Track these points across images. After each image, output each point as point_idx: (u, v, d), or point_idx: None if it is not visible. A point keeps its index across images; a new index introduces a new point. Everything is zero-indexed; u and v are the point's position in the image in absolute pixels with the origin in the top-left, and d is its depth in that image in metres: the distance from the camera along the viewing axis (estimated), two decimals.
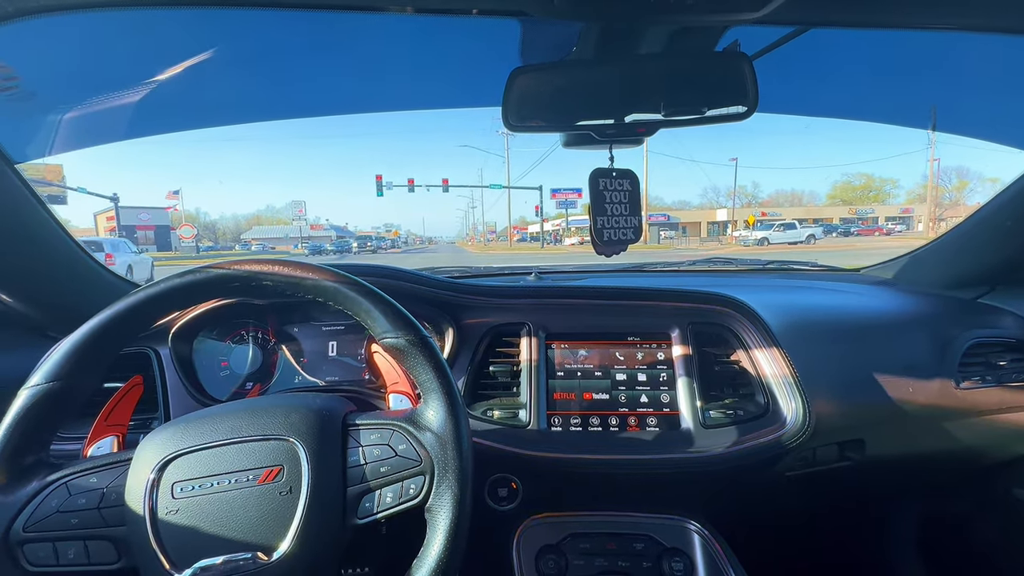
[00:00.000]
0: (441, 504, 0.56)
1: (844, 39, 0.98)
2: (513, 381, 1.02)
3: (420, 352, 0.60)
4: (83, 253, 1.09)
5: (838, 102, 1.24)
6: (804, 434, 0.92)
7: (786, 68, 1.00)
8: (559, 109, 0.83)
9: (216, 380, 1.04)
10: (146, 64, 0.94)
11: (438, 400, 0.59)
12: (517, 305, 1.08)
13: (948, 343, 1.12)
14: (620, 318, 1.07)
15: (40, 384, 0.56)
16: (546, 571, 0.92)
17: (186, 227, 32.65)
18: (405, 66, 1.05)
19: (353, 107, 1.19)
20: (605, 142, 0.87)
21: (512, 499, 0.97)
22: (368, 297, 0.62)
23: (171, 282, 0.61)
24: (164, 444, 0.57)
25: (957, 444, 1.13)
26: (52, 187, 14.53)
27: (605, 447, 0.95)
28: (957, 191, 55.04)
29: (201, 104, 1.10)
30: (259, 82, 1.06)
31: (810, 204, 69.35)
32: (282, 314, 1.09)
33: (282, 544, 0.53)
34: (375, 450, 0.58)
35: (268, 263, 0.62)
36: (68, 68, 0.93)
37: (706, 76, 0.82)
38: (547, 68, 0.83)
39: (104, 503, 0.55)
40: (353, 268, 1.01)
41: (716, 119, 0.82)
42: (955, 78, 1.17)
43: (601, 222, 0.89)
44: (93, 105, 1.01)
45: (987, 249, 1.25)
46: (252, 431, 0.57)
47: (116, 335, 0.60)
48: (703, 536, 0.96)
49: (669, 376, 1.01)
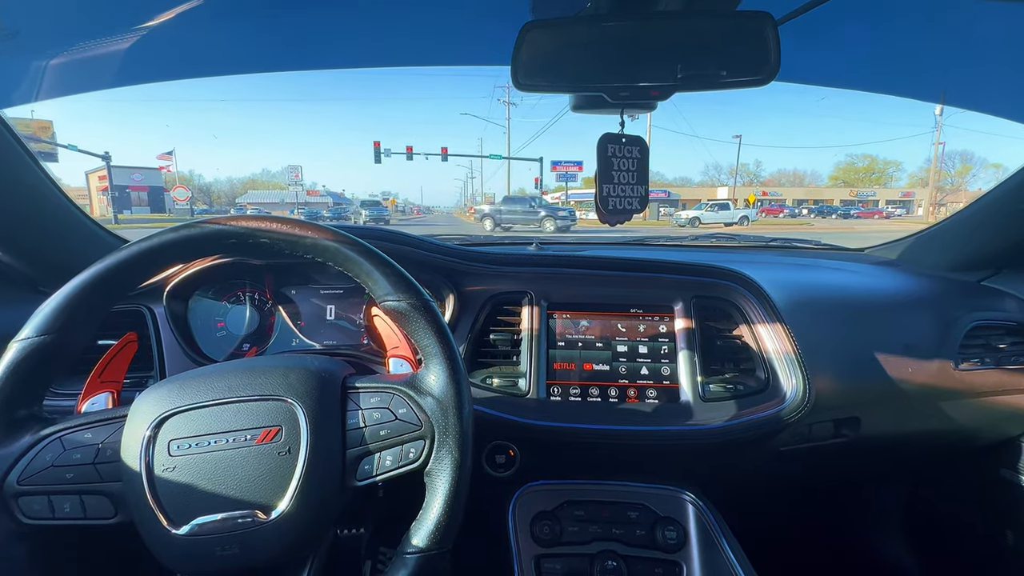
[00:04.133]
0: (441, 468, 0.56)
1: (873, 4, 0.94)
2: (513, 350, 1.01)
3: (422, 316, 0.59)
4: (74, 207, 1.06)
5: (861, 73, 1.20)
6: (803, 410, 0.92)
7: (807, 34, 0.96)
8: (571, 68, 0.79)
9: (212, 340, 1.03)
10: (136, 7, 0.89)
11: (440, 365, 0.58)
12: (519, 274, 1.06)
13: (949, 325, 1.12)
14: (623, 289, 1.05)
15: (31, 337, 0.54)
16: (541, 536, 0.94)
17: (180, 189, 32.09)
18: (410, 19, 1.00)
19: (353, 61, 1.14)
20: (617, 105, 0.84)
21: (509, 466, 0.98)
22: (369, 258, 0.60)
23: (164, 236, 0.58)
24: (160, 401, 0.56)
25: (951, 424, 1.14)
26: (42, 143, 14.20)
27: (603, 418, 0.95)
28: (960, 176, 54.74)
29: (193, 52, 1.04)
30: (253, 30, 1.01)
31: (812, 184, 68.98)
32: (280, 275, 1.07)
33: (280, 503, 0.53)
34: (375, 413, 0.58)
35: (266, 220, 0.59)
36: (53, 8, 0.89)
37: (726, 37, 0.77)
38: (560, 24, 0.78)
39: (99, 459, 0.55)
40: (354, 230, 0.99)
41: (733, 84, 0.78)
42: (978, 50, 1.13)
43: (607, 190, 0.86)
44: (80, 51, 0.96)
45: (993, 232, 1.24)
46: (250, 391, 0.56)
47: (108, 289, 0.58)
48: (697, 506, 0.98)
49: (670, 349, 1.01)
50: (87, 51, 0.97)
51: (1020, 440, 1.23)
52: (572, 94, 0.89)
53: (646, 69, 0.78)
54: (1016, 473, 1.24)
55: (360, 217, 27.28)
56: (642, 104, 0.86)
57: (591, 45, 0.78)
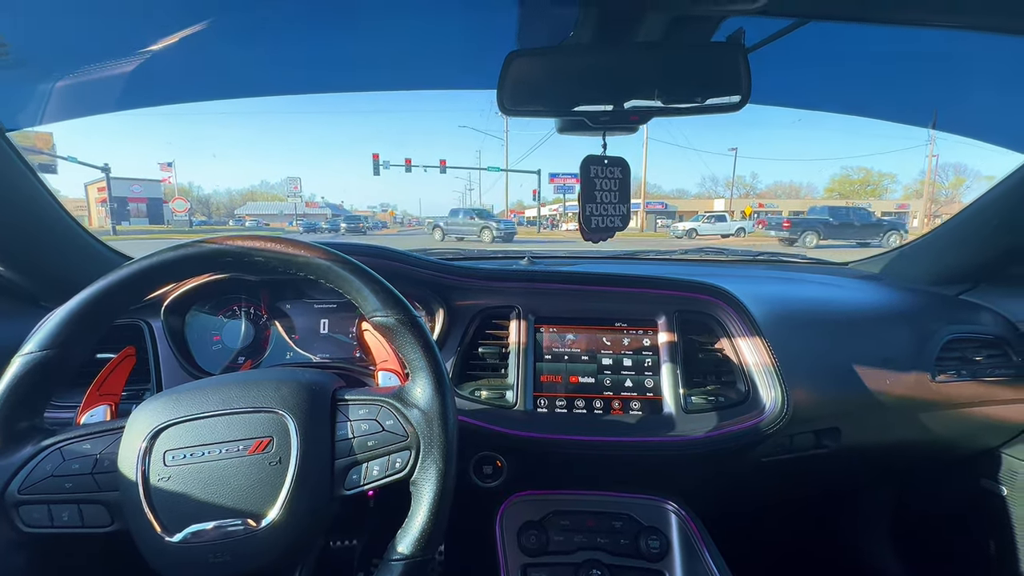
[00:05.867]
0: (426, 478, 0.58)
1: (843, 33, 0.99)
2: (501, 363, 1.03)
3: (409, 331, 0.62)
4: (74, 223, 1.08)
5: (836, 96, 1.25)
6: (782, 421, 0.95)
7: (784, 60, 1.00)
8: (554, 94, 0.83)
9: (208, 354, 1.05)
10: (141, 33, 0.92)
11: (425, 378, 0.61)
12: (508, 288, 1.09)
13: (927, 337, 1.14)
14: (608, 304, 1.08)
15: (34, 352, 0.57)
16: (528, 545, 0.95)
17: (179, 200, 32.23)
18: (403, 47, 1.05)
19: (350, 85, 1.18)
20: (599, 129, 0.88)
21: (497, 476, 1.00)
22: (359, 276, 0.63)
23: (164, 255, 0.61)
24: (156, 413, 0.58)
25: (930, 435, 1.16)
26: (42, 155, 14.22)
27: (589, 429, 0.98)
28: (953, 188, 55.16)
29: (195, 77, 1.09)
30: (255, 56, 1.05)
31: (807, 196, 69.35)
32: (275, 290, 1.10)
33: (271, 512, 0.55)
34: (363, 424, 0.60)
35: (261, 239, 0.62)
36: (61, 36, 0.92)
37: (701, 66, 0.82)
38: (544, 53, 0.83)
39: (97, 468, 0.57)
40: (346, 247, 1.02)
41: (709, 109, 0.82)
42: (954, 77, 1.17)
43: (590, 209, 0.90)
44: (85, 74, 1.00)
45: (972, 246, 1.27)
46: (243, 403, 0.58)
47: (109, 306, 0.61)
48: (680, 516, 1.00)
49: (654, 362, 1.03)
50: (91, 75, 1.01)
51: (998, 451, 1.25)
52: (556, 118, 0.93)
53: (626, 95, 0.83)
54: (997, 483, 1.26)
55: (341, 228, 31.11)
56: (623, 127, 0.90)
57: (573, 73, 0.82)
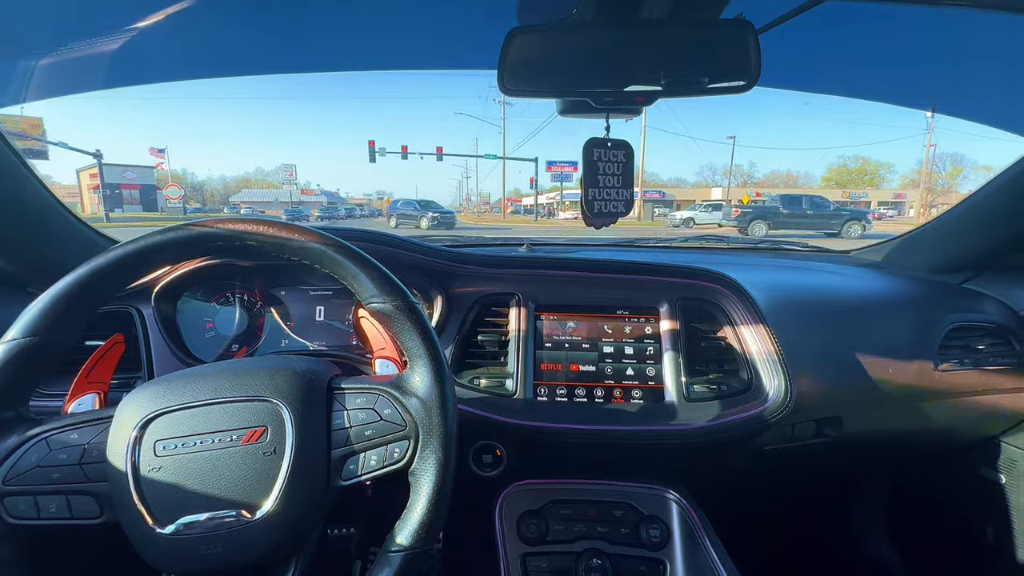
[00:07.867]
0: (425, 468, 0.57)
1: (853, 13, 0.96)
2: (501, 351, 1.02)
3: (407, 318, 0.60)
4: (62, 207, 1.06)
5: (843, 79, 1.22)
6: (785, 410, 0.94)
7: (792, 42, 0.97)
8: (557, 73, 0.80)
9: (201, 341, 1.03)
10: (128, 7, 0.89)
11: (424, 366, 0.59)
12: (507, 275, 1.07)
13: (930, 326, 1.14)
14: (610, 291, 1.07)
15: (17, 339, 0.54)
16: (527, 534, 0.95)
17: (172, 187, 31.83)
18: (400, 24, 1.01)
19: (347, 64, 1.14)
20: (602, 110, 0.85)
21: (496, 465, 0.99)
22: (355, 261, 0.61)
23: (152, 239, 0.59)
24: (146, 402, 0.56)
25: (931, 424, 1.16)
26: (31, 140, 14.02)
27: (589, 418, 0.97)
28: (951, 178, 55.23)
29: (185, 55, 1.05)
30: (248, 33, 1.01)
31: (805, 185, 69.38)
32: (269, 277, 1.08)
33: (266, 503, 0.53)
34: (360, 414, 0.58)
35: (253, 222, 0.60)
36: (48, 11, 0.89)
37: (708, 45, 0.79)
38: (546, 29, 0.80)
39: (85, 459, 0.55)
40: (342, 232, 0.99)
41: (716, 91, 0.80)
42: (961, 60, 1.15)
43: (592, 193, 0.87)
44: (73, 51, 0.96)
45: (975, 235, 1.26)
46: (236, 392, 0.57)
47: (96, 291, 0.59)
48: (681, 505, 0.99)
49: (656, 350, 1.02)
50: (79, 51, 0.97)
51: (999, 439, 1.25)
52: (558, 99, 0.90)
53: (630, 75, 0.80)
54: (996, 472, 1.27)
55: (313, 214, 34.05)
56: (627, 109, 0.87)
57: (576, 51, 0.79)
